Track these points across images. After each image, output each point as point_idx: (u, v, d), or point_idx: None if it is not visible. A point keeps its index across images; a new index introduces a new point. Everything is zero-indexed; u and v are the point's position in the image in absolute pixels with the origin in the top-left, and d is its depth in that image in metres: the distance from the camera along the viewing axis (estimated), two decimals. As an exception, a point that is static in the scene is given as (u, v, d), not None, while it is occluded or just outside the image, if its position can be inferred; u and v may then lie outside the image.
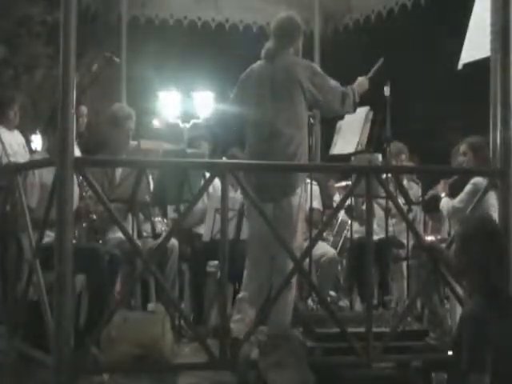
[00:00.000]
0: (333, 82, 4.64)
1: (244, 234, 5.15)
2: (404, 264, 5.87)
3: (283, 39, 4.66)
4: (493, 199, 4.82)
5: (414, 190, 6.17)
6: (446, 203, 5.36)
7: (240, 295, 4.51)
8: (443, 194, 5.45)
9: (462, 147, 5.40)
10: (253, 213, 4.38)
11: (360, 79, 4.80)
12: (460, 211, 5.12)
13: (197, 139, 6.59)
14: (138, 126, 5.49)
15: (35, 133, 14.26)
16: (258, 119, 4.58)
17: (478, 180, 5.04)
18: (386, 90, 5.30)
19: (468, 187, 5.16)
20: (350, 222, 5.94)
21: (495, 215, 4.51)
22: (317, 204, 6.03)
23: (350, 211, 5.84)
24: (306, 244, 5.23)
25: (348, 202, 5.12)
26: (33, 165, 4.79)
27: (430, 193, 5.74)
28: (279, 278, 4.28)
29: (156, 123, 13.97)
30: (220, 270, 4.22)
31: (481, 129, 4.84)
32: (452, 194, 5.34)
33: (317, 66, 4.80)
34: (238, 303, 4.52)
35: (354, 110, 4.78)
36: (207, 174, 5.00)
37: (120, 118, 5.28)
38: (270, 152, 4.46)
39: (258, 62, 4.73)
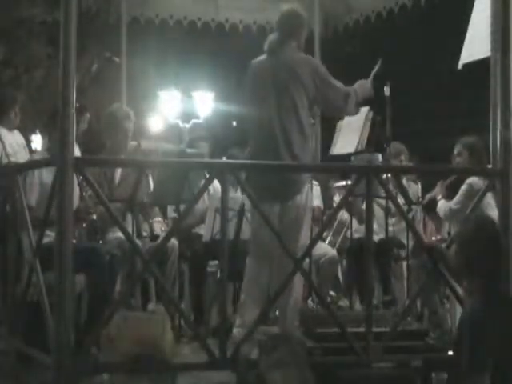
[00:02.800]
0: (335, 81, 4.59)
1: (244, 234, 5.14)
2: (404, 264, 5.87)
3: (285, 33, 4.60)
4: (489, 198, 4.82)
5: (413, 189, 6.17)
6: (442, 205, 5.36)
7: (242, 300, 4.51)
8: (440, 197, 5.45)
9: (457, 147, 5.40)
10: (256, 213, 4.33)
11: (361, 81, 4.75)
12: (457, 213, 5.13)
13: (196, 140, 6.60)
14: (137, 126, 5.49)
15: (35, 133, 14.26)
16: (261, 117, 4.53)
17: (473, 180, 5.04)
18: (386, 90, 5.30)
19: (463, 188, 5.15)
20: (349, 221, 5.94)
21: (492, 214, 4.52)
22: (318, 202, 6.03)
23: (349, 208, 5.84)
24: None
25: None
26: (33, 165, 4.79)
27: (428, 196, 5.75)
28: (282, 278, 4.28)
29: (156, 123, 13.99)
30: (220, 270, 4.22)
31: (481, 129, 4.84)
32: (449, 195, 5.34)
33: (319, 63, 4.74)
34: (240, 308, 4.51)
35: (357, 112, 4.75)
36: (207, 174, 5.00)
37: (118, 118, 5.27)
38: (269, 152, 4.43)
39: (260, 57, 4.67)
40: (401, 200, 5.38)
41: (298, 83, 4.48)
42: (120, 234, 4.44)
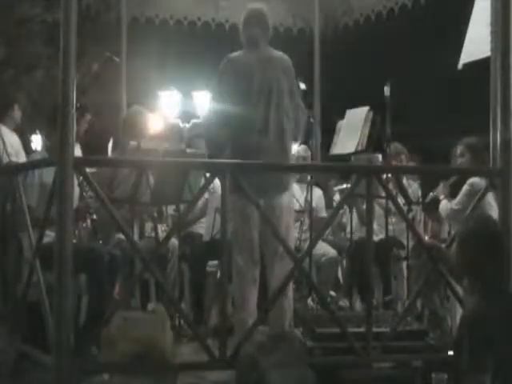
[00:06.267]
0: None
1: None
2: (404, 264, 5.87)
3: (267, 31, 4.60)
4: (490, 198, 4.82)
5: (414, 188, 6.18)
6: (444, 206, 5.36)
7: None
8: (442, 196, 5.45)
9: (460, 148, 5.40)
10: (241, 213, 4.28)
11: None
12: (458, 213, 5.12)
13: (193, 138, 6.60)
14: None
15: (35, 133, 14.25)
16: (250, 112, 4.42)
17: (475, 181, 5.04)
18: (386, 90, 5.29)
19: (465, 188, 5.15)
20: (349, 221, 5.94)
21: (493, 214, 4.51)
22: (319, 204, 6.03)
23: (349, 207, 5.84)
24: (305, 244, 5.22)
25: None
26: (33, 165, 4.79)
27: (431, 195, 5.74)
28: (278, 278, 4.27)
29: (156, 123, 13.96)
30: (220, 270, 4.22)
31: (481, 129, 4.83)
32: (452, 194, 5.33)
33: None
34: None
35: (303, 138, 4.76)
36: (207, 174, 5.00)
37: (138, 120, 5.31)
38: (260, 147, 4.36)
39: (239, 52, 4.59)
40: (401, 200, 5.37)
41: (283, 80, 4.46)
42: (120, 234, 4.44)
